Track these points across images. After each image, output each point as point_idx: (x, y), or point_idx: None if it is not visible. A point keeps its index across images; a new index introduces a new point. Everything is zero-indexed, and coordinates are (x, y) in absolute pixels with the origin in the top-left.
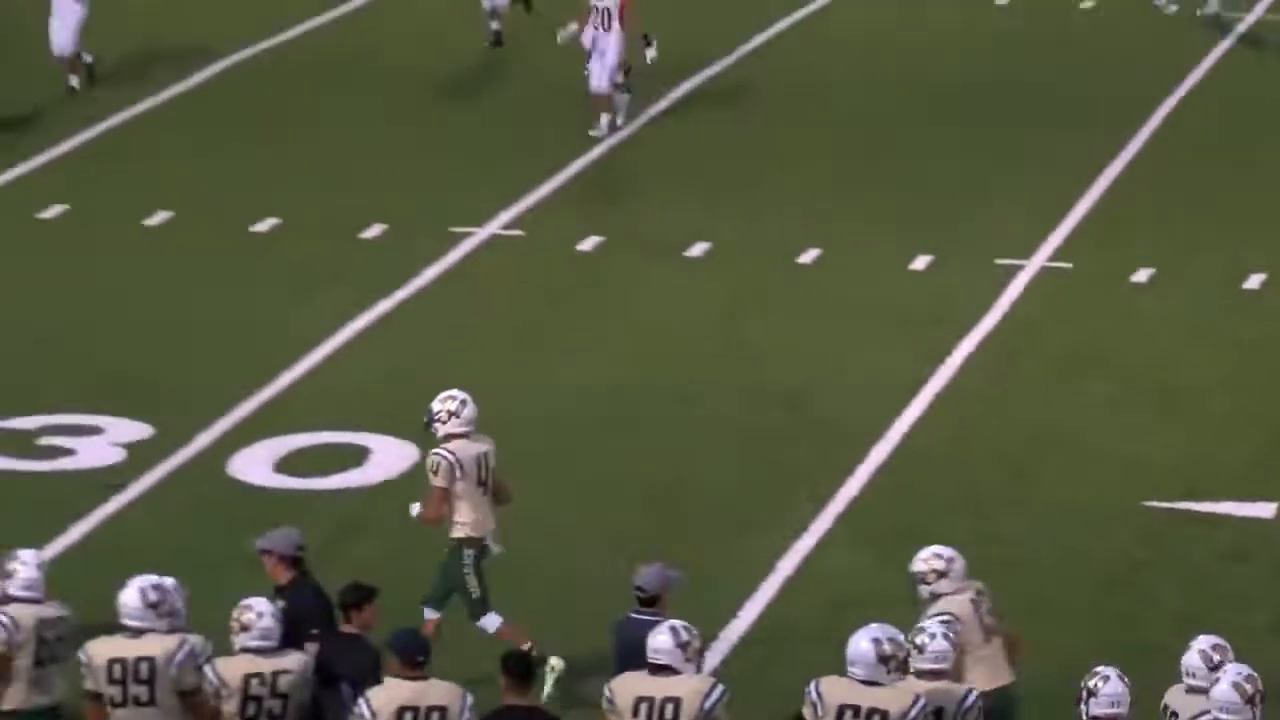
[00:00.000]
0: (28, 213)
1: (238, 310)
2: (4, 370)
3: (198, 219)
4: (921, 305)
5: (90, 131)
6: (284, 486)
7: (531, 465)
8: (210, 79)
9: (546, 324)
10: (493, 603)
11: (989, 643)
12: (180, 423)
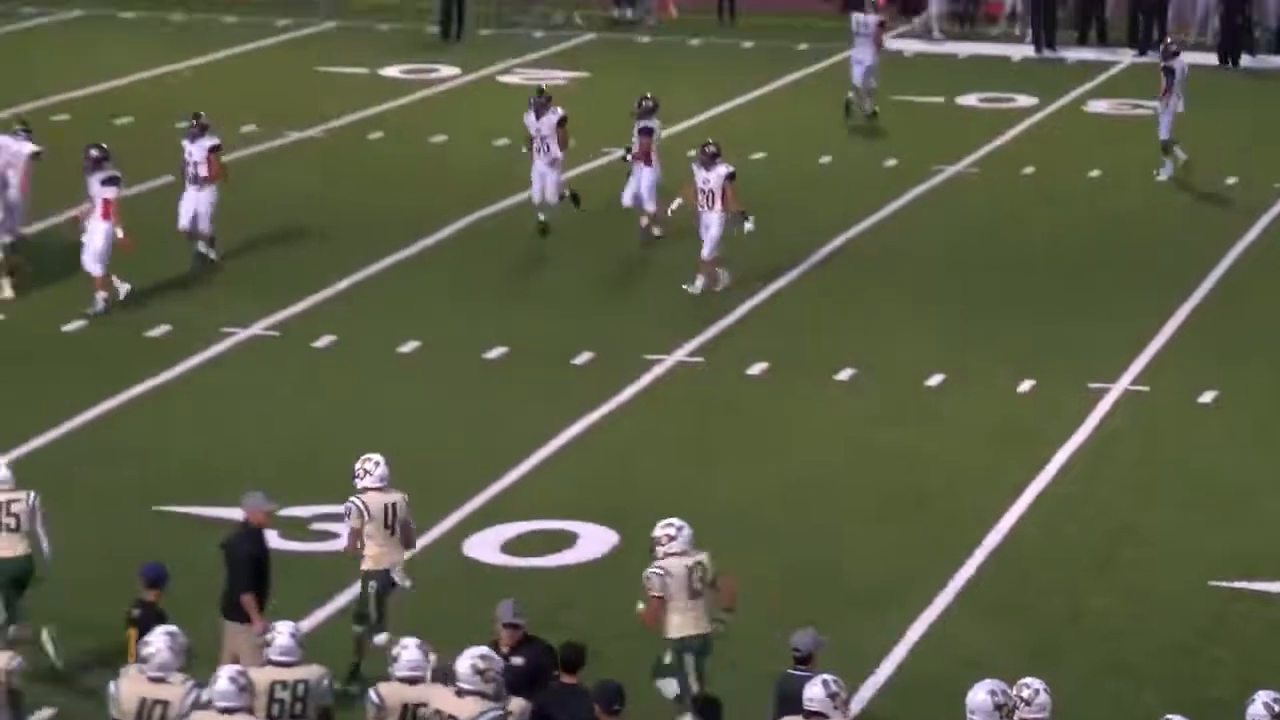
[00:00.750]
0: (305, 343)
1: (472, 419)
2: (284, 471)
3: (442, 347)
4: (1026, 421)
5: (356, 275)
6: (508, 565)
7: (722, 548)
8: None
9: (722, 435)
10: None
11: (693, 600)
12: (422, 512)
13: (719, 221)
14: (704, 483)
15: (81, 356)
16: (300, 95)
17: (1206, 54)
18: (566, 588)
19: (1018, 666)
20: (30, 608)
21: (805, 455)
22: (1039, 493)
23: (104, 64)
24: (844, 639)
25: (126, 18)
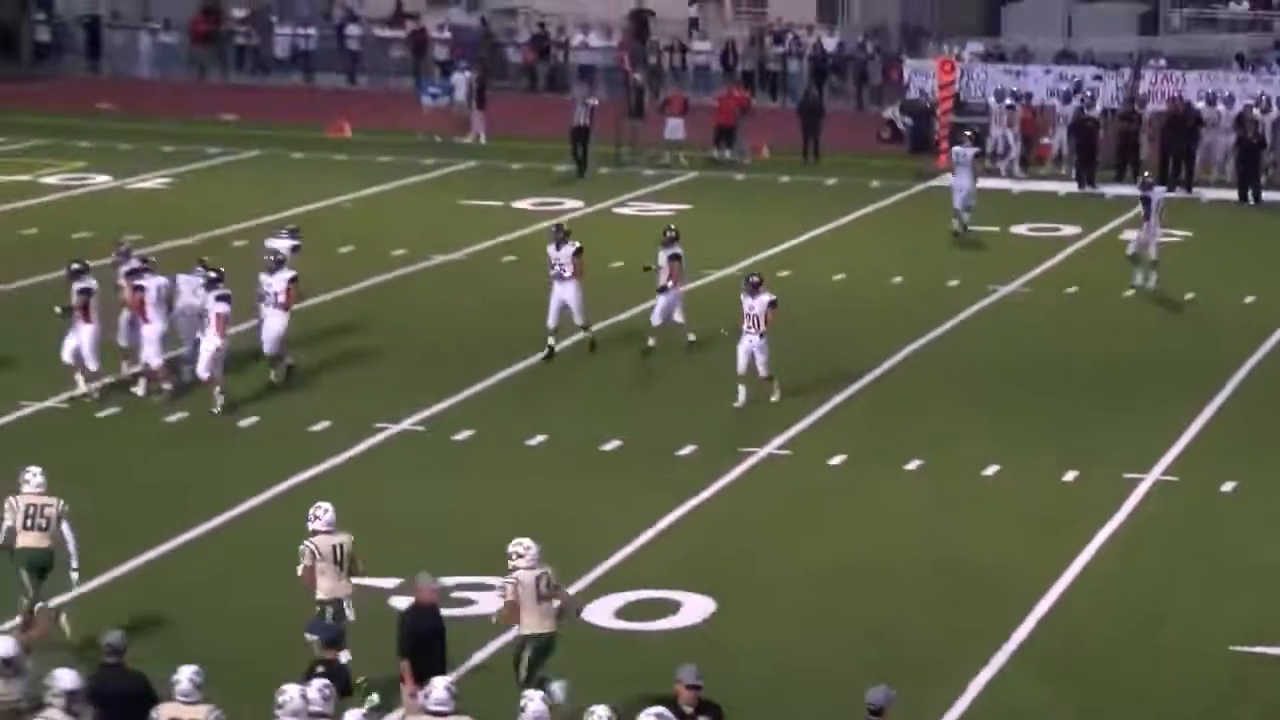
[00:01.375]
0: (447, 436)
1: (591, 501)
2: (429, 546)
3: (565, 440)
4: (1069, 507)
5: (491, 379)
6: (621, 628)
7: (806, 614)
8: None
9: (806, 516)
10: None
11: (540, 604)
12: None
13: (763, 343)
14: (790, 557)
15: (254, 447)
16: (444, 224)
17: (1228, 190)
18: (671, 650)
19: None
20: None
21: (878, 533)
22: (1082, 569)
23: (277, 196)
24: (910, 695)
25: (297, 157)
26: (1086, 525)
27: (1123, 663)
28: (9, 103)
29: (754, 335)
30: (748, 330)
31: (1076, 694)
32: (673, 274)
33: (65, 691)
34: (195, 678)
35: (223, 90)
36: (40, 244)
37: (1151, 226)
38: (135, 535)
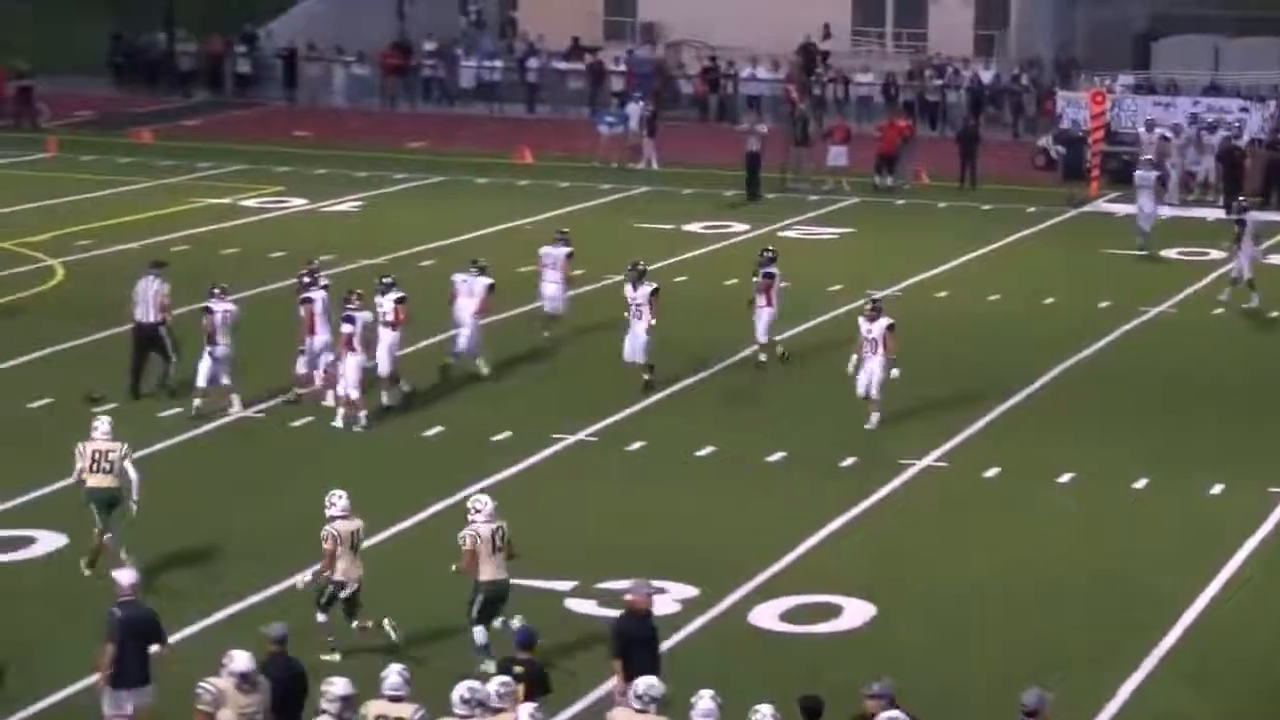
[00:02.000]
0: (619, 447)
1: (758, 510)
2: (600, 550)
3: (732, 451)
4: (1217, 518)
5: (662, 394)
6: (785, 631)
7: (963, 619)
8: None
9: (963, 525)
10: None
11: (494, 555)
12: (714, 586)
13: (880, 366)
14: (947, 565)
15: (437, 456)
16: (619, 246)
17: None
18: (832, 652)
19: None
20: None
21: (1032, 542)
22: (1228, 578)
23: (461, 219)
24: (1062, 698)
25: (481, 182)
26: (1233, 537)
27: (1266, 671)
28: (213, 130)
29: (873, 358)
30: (868, 354)
31: (1220, 700)
32: (767, 292)
33: (239, 673)
34: (404, 674)
35: (411, 119)
36: (240, 262)
37: (1246, 248)
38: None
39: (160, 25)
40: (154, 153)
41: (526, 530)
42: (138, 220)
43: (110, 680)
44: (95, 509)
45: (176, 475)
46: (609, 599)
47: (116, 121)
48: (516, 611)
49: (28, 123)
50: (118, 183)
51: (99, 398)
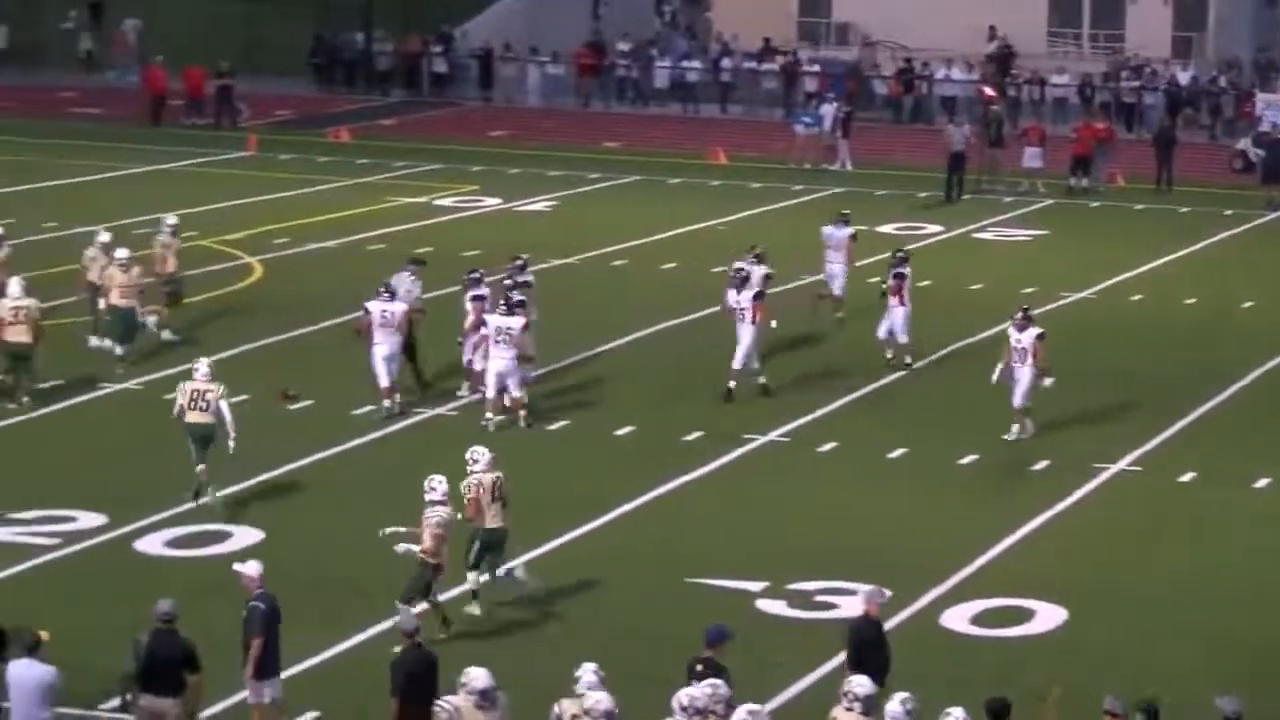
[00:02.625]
0: (811, 448)
1: (949, 513)
2: (790, 552)
3: (925, 456)
4: None
5: (850, 396)
6: (976, 634)
7: (1156, 623)
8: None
9: (1157, 528)
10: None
11: (493, 504)
12: (907, 589)
13: (1029, 376)
14: (1141, 568)
15: (628, 456)
16: (812, 246)
17: None
18: (1022, 655)
19: None
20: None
21: (1227, 547)
22: None
23: (655, 219)
24: (1256, 706)
25: (674, 182)
26: None
27: None
28: (410, 130)
29: (1022, 367)
30: (1017, 363)
31: None
32: (899, 293)
33: (479, 690)
34: (598, 673)
35: (605, 119)
36: (434, 261)
37: None
38: (515, 534)
39: (359, 26)
40: (351, 152)
41: (716, 530)
42: (334, 219)
43: (255, 673)
44: (192, 443)
45: (377, 474)
46: (800, 600)
47: (315, 121)
48: (708, 614)
49: (228, 122)
50: (315, 181)
51: (294, 395)
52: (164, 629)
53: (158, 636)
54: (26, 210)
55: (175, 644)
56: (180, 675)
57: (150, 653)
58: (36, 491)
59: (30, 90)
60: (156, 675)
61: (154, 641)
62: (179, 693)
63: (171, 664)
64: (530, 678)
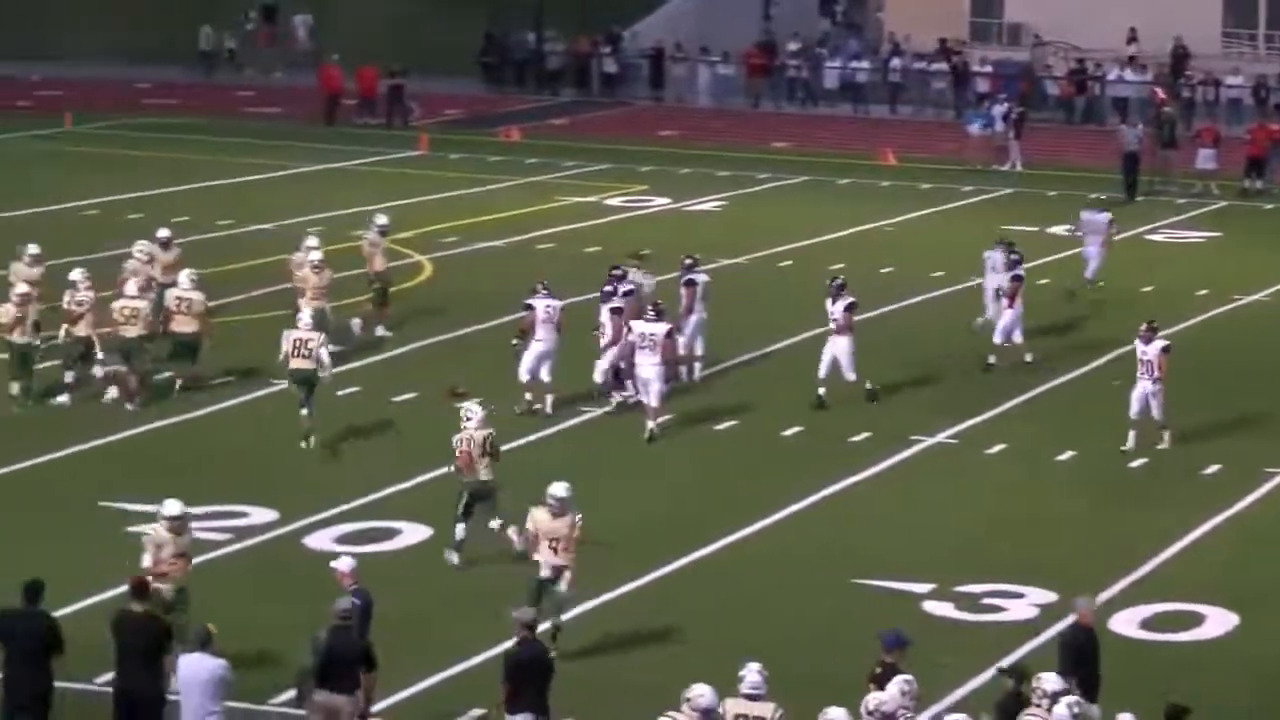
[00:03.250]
0: (980, 450)
1: (1116, 516)
2: (957, 554)
3: (1093, 456)
4: None
5: (1021, 396)
6: (1144, 639)
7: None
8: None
9: None
10: None
11: (484, 457)
12: (1073, 593)
13: (1158, 389)
14: None
15: (794, 457)
16: (981, 247)
17: None
18: (1193, 659)
19: None
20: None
21: None
22: None
23: (822, 220)
24: None
25: (843, 183)
26: None
27: None
28: (580, 130)
29: (1148, 381)
30: (1142, 376)
31: None
32: (1013, 294)
33: (702, 709)
34: (762, 674)
35: (775, 119)
36: (603, 261)
37: None
38: (681, 534)
39: (530, 25)
40: (521, 151)
41: (883, 531)
42: (504, 218)
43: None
44: (296, 387)
45: (540, 472)
46: (967, 602)
47: (485, 120)
48: (874, 616)
49: (399, 121)
50: (485, 180)
51: (462, 393)
52: (341, 626)
53: (335, 634)
54: (202, 208)
55: (352, 642)
56: (356, 673)
57: (328, 650)
58: (208, 487)
59: (209, 89)
60: (333, 672)
61: (332, 639)
62: (354, 690)
63: (348, 661)
64: (697, 678)
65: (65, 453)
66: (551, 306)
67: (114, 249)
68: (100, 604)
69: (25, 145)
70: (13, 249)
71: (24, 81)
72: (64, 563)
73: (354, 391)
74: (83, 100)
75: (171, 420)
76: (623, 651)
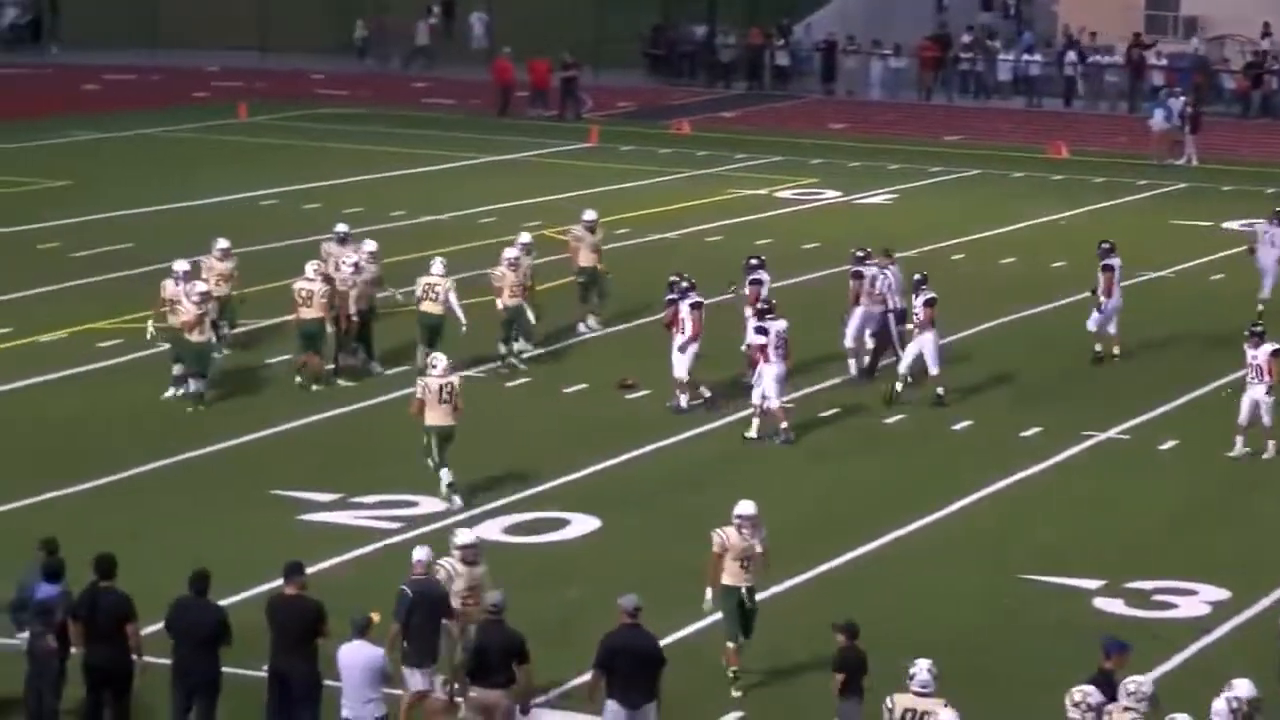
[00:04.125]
0: (1151, 446)
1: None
2: (1127, 552)
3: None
4: None
5: (1195, 391)
6: None
7: None
8: None
9: None
10: None
11: (442, 405)
12: (1248, 589)
13: (1268, 395)
14: None
15: (964, 450)
16: (1155, 242)
17: None
18: None
19: None
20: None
21: None
22: None
23: (995, 214)
24: None
25: (1016, 176)
26: None
27: None
28: (751, 122)
29: (1258, 385)
30: (1251, 381)
31: None
32: (1107, 285)
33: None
34: (932, 671)
35: (946, 112)
36: (773, 253)
37: None
38: (850, 529)
39: (702, 18)
40: (692, 144)
41: (1053, 527)
42: (674, 210)
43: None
44: (422, 331)
45: (709, 465)
46: (1138, 599)
47: (655, 112)
48: (1043, 612)
49: (571, 113)
50: (655, 173)
51: (632, 384)
52: (492, 620)
53: (486, 628)
54: (376, 198)
55: (504, 635)
56: (510, 667)
57: (479, 645)
58: (379, 476)
59: (383, 80)
60: (485, 667)
61: (482, 633)
62: (508, 684)
63: (500, 655)
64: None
65: (241, 440)
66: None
67: (293, 239)
68: (270, 591)
69: (202, 137)
70: (195, 239)
71: (201, 73)
72: (235, 550)
73: (525, 382)
74: (258, 91)
75: (343, 409)
76: (789, 647)
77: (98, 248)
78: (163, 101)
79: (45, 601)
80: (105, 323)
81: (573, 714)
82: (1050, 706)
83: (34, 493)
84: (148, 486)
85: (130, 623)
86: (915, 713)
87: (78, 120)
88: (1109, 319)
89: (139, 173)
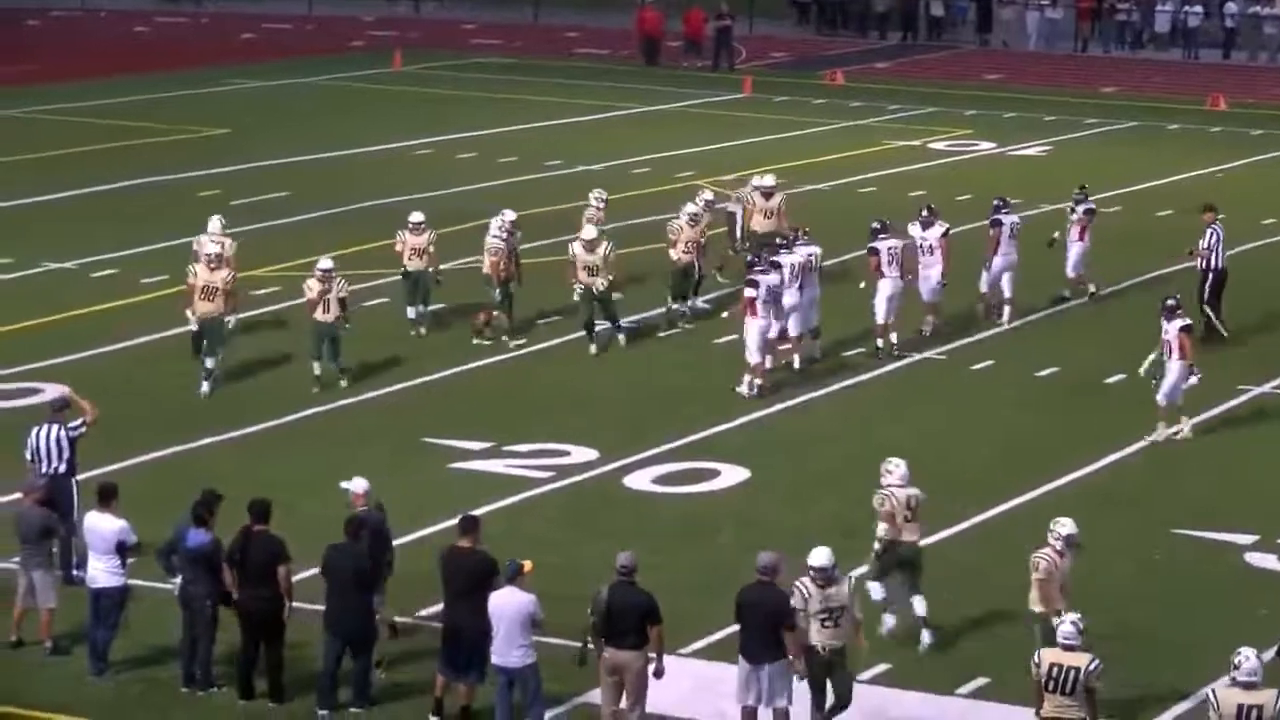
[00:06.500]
0: None
1: None
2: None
3: None
4: None
5: None
6: None
7: None
8: None
9: None
10: None
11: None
12: None
13: (1177, 370)
14: None
15: (1117, 407)
16: None
17: None
18: None
19: None
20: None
21: None
22: None
23: (1151, 166)
24: None
25: (1172, 129)
26: None
27: None
28: (904, 73)
29: (1170, 361)
30: (1167, 356)
31: None
32: (1080, 227)
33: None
34: (1077, 624)
35: (1102, 63)
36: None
37: None
38: (1004, 480)
39: None
40: (845, 94)
41: (1207, 482)
42: (826, 161)
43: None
44: (493, 290)
45: (857, 418)
46: None
47: (809, 63)
48: (1195, 567)
49: (726, 64)
50: (808, 124)
51: (487, 322)
52: (624, 581)
53: (617, 589)
54: (530, 148)
55: (635, 596)
56: (642, 629)
57: (610, 605)
58: (533, 426)
59: (535, 30)
60: (617, 628)
61: (613, 594)
62: (640, 646)
63: (632, 616)
64: (1015, 627)
65: (394, 388)
66: (894, 247)
67: (448, 189)
68: (423, 539)
69: (357, 86)
70: (352, 187)
71: (357, 22)
72: (389, 498)
73: (675, 332)
74: (412, 41)
75: (497, 359)
76: (937, 596)
77: (256, 195)
78: (318, 51)
79: (194, 549)
80: (263, 270)
81: (716, 663)
82: (1200, 661)
83: (194, 438)
84: (304, 433)
85: (282, 564)
86: (1062, 666)
87: (235, 70)
88: (1078, 263)
89: (295, 122)
